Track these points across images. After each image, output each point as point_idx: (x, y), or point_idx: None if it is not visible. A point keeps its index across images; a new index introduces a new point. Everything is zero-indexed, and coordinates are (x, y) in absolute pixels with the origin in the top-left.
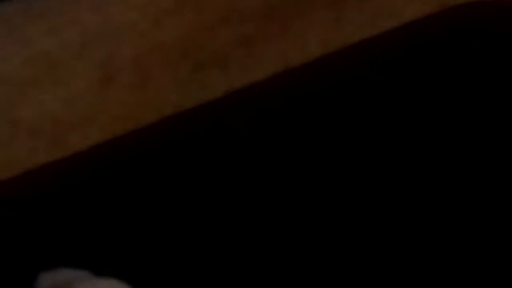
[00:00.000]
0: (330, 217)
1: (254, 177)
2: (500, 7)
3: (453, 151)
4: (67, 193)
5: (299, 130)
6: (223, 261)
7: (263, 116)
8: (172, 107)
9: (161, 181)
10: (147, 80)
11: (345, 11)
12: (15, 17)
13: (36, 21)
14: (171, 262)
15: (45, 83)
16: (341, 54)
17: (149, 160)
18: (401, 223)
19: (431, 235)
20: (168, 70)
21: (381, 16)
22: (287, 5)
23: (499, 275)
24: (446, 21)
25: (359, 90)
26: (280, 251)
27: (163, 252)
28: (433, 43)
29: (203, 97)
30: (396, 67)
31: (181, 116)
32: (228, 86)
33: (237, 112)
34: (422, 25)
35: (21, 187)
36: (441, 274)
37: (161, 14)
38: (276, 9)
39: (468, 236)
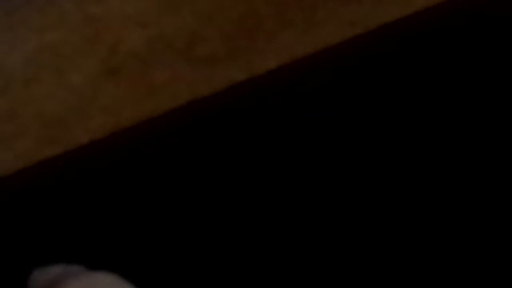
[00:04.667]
0: (328, 214)
1: (254, 167)
2: None
3: (454, 146)
4: (69, 187)
5: (303, 122)
6: (219, 250)
7: (267, 109)
8: (175, 99)
9: (163, 174)
10: (150, 72)
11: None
12: (17, 10)
13: (38, 14)
14: (169, 255)
15: (48, 76)
16: (353, 42)
17: (152, 153)
18: (400, 222)
19: (431, 235)
20: (171, 62)
21: (394, 2)
22: None
23: (499, 275)
24: (461, 9)
25: (370, 78)
26: (278, 245)
27: (164, 245)
28: (448, 30)
29: (207, 89)
30: (409, 55)
31: (185, 108)
32: (232, 78)
33: (241, 104)
34: (437, 13)
35: (23, 182)
36: (441, 274)
37: (165, 5)
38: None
39: (468, 236)
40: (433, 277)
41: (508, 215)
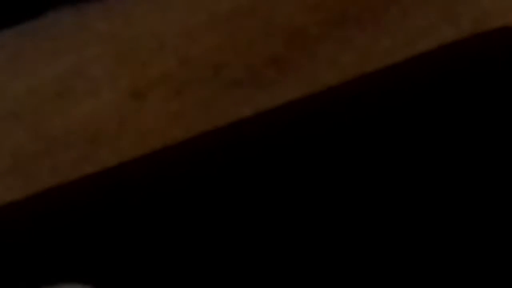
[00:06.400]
0: (331, 220)
1: (270, 193)
2: None
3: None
4: (95, 208)
5: (326, 150)
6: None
7: (295, 135)
8: (203, 124)
9: (189, 198)
10: (178, 95)
11: (379, 33)
12: (46, 31)
13: (66, 35)
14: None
15: (77, 97)
16: (374, 77)
17: (179, 177)
18: (401, 225)
19: (431, 236)
20: (199, 86)
21: (414, 39)
22: (321, 24)
23: (499, 275)
24: (481, 46)
25: (391, 113)
26: (281, 253)
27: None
28: (468, 68)
29: (234, 115)
30: (428, 92)
31: (211, 134)
32: (260, 104)
33: (267, 131)
34: (456, 50)
35: (48, 202)
36: (441, 274)
37: (194, 29)
38: (310, 29)
39: (468, 236)
40: (433, 277)
41: (508, 215)
